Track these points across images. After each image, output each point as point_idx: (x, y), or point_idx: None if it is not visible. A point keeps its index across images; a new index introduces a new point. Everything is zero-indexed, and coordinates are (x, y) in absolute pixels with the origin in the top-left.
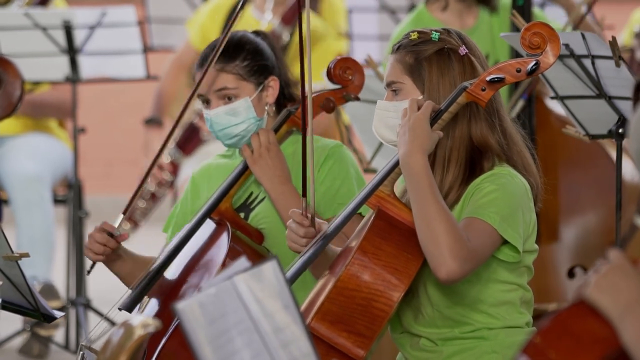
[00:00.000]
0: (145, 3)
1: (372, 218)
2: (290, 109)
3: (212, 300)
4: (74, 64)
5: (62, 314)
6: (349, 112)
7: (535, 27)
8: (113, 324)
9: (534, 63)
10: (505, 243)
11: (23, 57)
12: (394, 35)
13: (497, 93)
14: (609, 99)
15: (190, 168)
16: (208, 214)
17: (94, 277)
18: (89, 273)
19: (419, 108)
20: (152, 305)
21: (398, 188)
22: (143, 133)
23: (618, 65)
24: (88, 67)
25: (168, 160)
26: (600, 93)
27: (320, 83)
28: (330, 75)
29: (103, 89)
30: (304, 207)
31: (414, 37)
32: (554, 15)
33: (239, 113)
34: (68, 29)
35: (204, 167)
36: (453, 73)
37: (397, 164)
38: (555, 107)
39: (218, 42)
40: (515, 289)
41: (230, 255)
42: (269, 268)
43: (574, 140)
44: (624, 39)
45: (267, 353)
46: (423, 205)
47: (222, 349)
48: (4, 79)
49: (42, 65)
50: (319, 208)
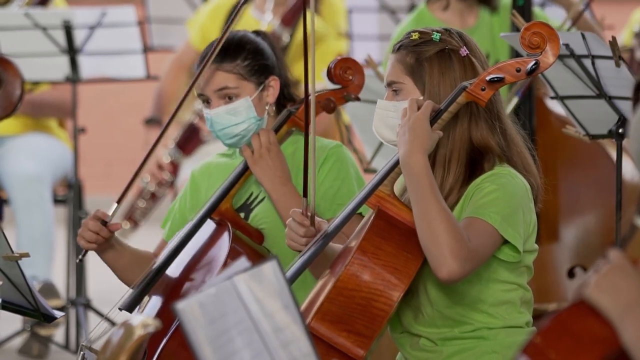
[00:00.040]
0: (145, 3)
1: (371, 218)
2: (291, 109)
3: (212, 300)
4: (74, 64)
5: (62, 314)
6: (349, 112)
7: (535, 26)
8: (113, 324)
9: (534, 63)
10: (506, 243)
11: (23, 57)
12: (395, 35)
13: (497, 94)
14: (609, 99)
15: (190, 168)
16: (208, 214)
17: (94, 277)
18: (81, 260)
19: (419, 108)
20: (152, 306)
21: (397, 186)
22: (143, 133)
23: (618, 65)
24: (88, 67)
25: (168, 160)
26: (600, 93)
27: (321, 83)
28: (331, 76)
29: (103, 89)
30: (305, 206)
31: (415, 37)
32: (555, 15)
33: (240, 113)
34: (68, 29)
35: (204, 165)
36: (454, 74)
37: (396, 164)
38: (556, 107)
39: (219, 43)
40: (515, 289)
41: (231, 256)
42: (269, 268)
43: (574, 140)
44: (624, 39)
45: (267, 353)
46: (424, 205)
47: (222, 349)
48: (4, 79)
49: (42, 65)
50: (319, 208)
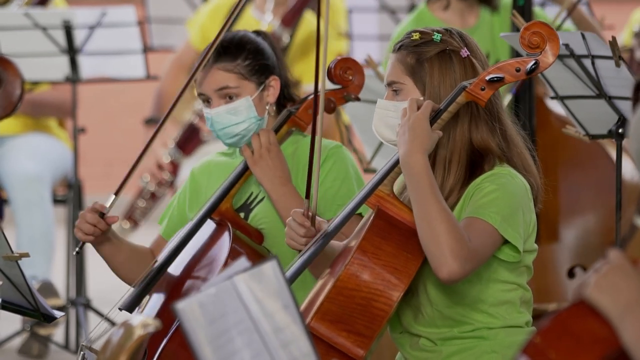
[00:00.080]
0: (145, 3)
1: (371, 217)
2: (291, 109)
3: (212, 300)
4: (74, 64)
5: (62, 314)
6: (349, 112)
7: (535, 26)
8: (113, 324)
9: (534, 62)
10: (506, 243)
11: (23, 57)
12: (395, 35)
13: (497, 96)
14: (609, 99)
15: (190, 168)
16: (209, 214)
17: (94, 277)
18: (78, 253)
19: (419, 108)
20: (152, 306)
21: (397, 184)
22: (143, 133)
23: (618, 65)
24: (88, 67)
25: (168, 160)
26: (600, 93)
27: None
28: (331, 76)
29: (103, 89)
30: (306, 207)
31: (416, 37)
32: (555, 15)
33: (240, 112)
34: (68, 29)
35: (204, 163)
36: (454, 75)
37: (396, 164)
38: (556, 107)
39: (217, 39)
40: (515, 289)
41: (232, 256)
42: (269, 268)
43: (575, 140)
44: (624, 39)
45: (267, 353)
46: (424, 205)
47: (222, 349)
48: (4, 79)
49: (42, 65)
50: (319, 209)
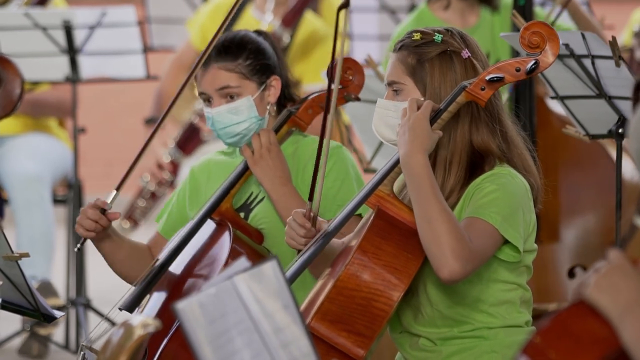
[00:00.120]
0: (145, 3)
1: (371, 217)
2: (291, 109)
3: (212, 300)
4: (74, 64)
5: (62, 314)
6: (349, 112)
7: (535, 26)
8: (113, 324)
9: (533, 62)
10: (506, 243)
11: (23, 57)
12: (396, 35)
13: (498, 97)
14: (609, 99)
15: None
16: (209, 214)
17: (94, 277)
18: (79, 249)
19: (419, 108)
20: (152, 306)
21: (396, 183)
22: (143, 133)
23: (618, 65)
24: (88, 67)
25: (168, 160)
26: (600, 93)
27: (321, 83)
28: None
29: (103, 89)
30: (308, 208)
31: (417, 37)
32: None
33: (241, 112)
34: (68, 29)
35: (204, 162)
36: (455, 76)
37: (396, 164)
38: (556, 107)
39: (218, 39)
40: (515, 289)
41: (232, 256)
42: (269, 268)
43: (575, 140)
44: (624, 39)
45: (267, 353)
46: (425, 206)
47: (222, 349)
48: (4, 78)
49: (42, 65)
50: (319, 209)
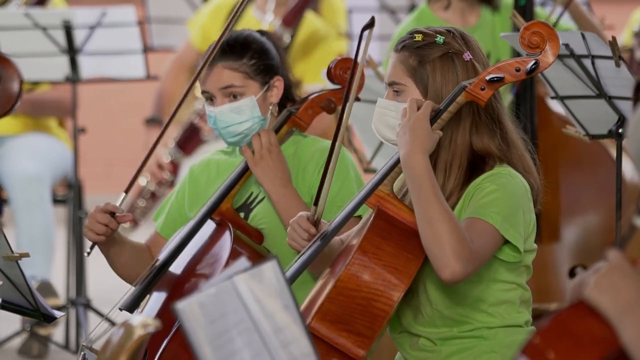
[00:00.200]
0: (145, 3)
1: (372, 217)
2: (291, 109)
3: (212, 300)
4: (74, 64)
5: (62, 314)
6: None
7: (535, 26)
8: (114, 324)
9: (533, 62)
10: (506, 243)
11: (23, 57)
12: (396, 35)
13: (498, 99)
14: (609, 99)
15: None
16: (209, 215)
17: (94, 277)
18: (89, 254)
19: (419, 108)
20: (153, 306)
21: (396, 183)
22: (143, 133)
23: (618, 65)
24: (88, 67)
25: (168, 160)
26: (600, 93)
27: (321, 84)
28: (331, 76)
29: (103, 89)
30: (313, 213)
31: (419, 38)
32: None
33: (244, 111)
34: (68, 29)
35: (204, 161)
36: (456, 78)
37: (396, 164)
38: (557, 107)
39: (221, 38)
40: (515, 288)
41: (233, 256)
42: (269, 268)
43: (576, 140)
44: (624, 39)
45: (267, 353)
46: (425, 206)
47: (222, 349)
48: (2, 76)
49: (42, 65)
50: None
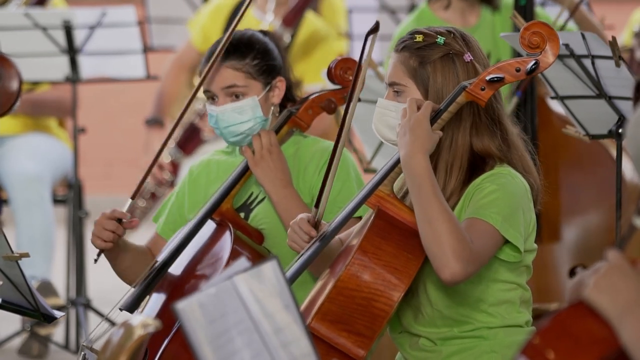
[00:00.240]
0: (145, 3)
1: (372, 218)
2: (291, 110)
3: (212, 300)
4: (74, 64)
5: (62, 314)
6: None
7: (535, 26)
8: (114, 324)
9: (534, 62)
10: (507, 243)
11: (23, 57)
12: (397, 35)
13: (499, 100)
14: (609, 99)
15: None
16: (209, 215)
17: (94, 277)
18: (96, 261)
19: (419, 108)
20: (153, 306)
21: (397, 183)
22: (143, 133)
23: (618, 65)
24: (88, 67)
25: (168, 160)
26: (600, 93)
27: (322, 84)
28: (331, 76)
29: (103, 89)
30: (313, 215)
31: (419, 39)
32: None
33: (246, 111)
34: (68, 29)
35: (204, 162)
36: (457, 79)
37: (396, 164)
38: (557, 107)
39: (228, 39)
40: (515, 288)
41: (233, 257)
42: (269, 268)
43: (576, 140)
44: (624, 39)
45: (267, 353)
46: (426, 207)
47: (222, 349)
48: (1, 75)
49: (42, 65)
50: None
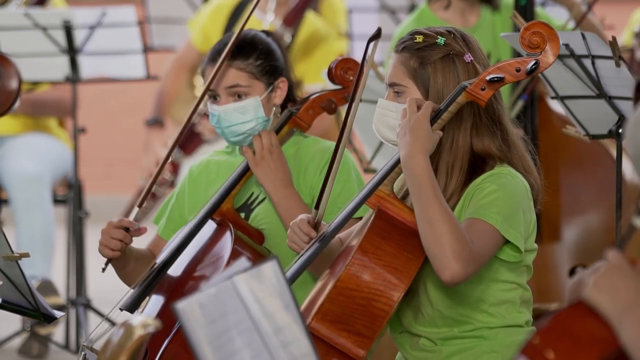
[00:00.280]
0: (145, 3)
1: (372, 218)
2: (292, 110)
3: (212, 300)
4: (74, 64)
5: (62, 314)
6: None
7: (535, 26)
8: (114, 324)
9: (534, 62)
10: (507, 243)
11: (23, 57)
12: (397, 35)
13: (499, 99)
14: (609, 99)
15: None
16: (210, 215)
17: (94, 277)
18: (104, 270)
19: (419, 108)
20: (153, 306)
21: (397, 183)
22: (143, 133)
23: (618, 65)
24: (88, 67)
25: (168, 160)
26: (600, 93)
27: (322, 84)
28: (331, 76)
29: (103, 89)
30: (313, 216)
31: (419, 39)
32: (557, 15)
33: (248, 111)
34: (68, 29)
35: (203, 162)
36: (457, 79)
37: (396, 164)
38: (558, 107)
39: (230, 38)
40: (515, 288)
41: (234, 257)
42: (269, 268)
43: (577, 140)
44: (624, 39)
45: (267, 353)
46: (426, 207)
47: (222, 349)
48: (1, 74)
49: (42, 65)
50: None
